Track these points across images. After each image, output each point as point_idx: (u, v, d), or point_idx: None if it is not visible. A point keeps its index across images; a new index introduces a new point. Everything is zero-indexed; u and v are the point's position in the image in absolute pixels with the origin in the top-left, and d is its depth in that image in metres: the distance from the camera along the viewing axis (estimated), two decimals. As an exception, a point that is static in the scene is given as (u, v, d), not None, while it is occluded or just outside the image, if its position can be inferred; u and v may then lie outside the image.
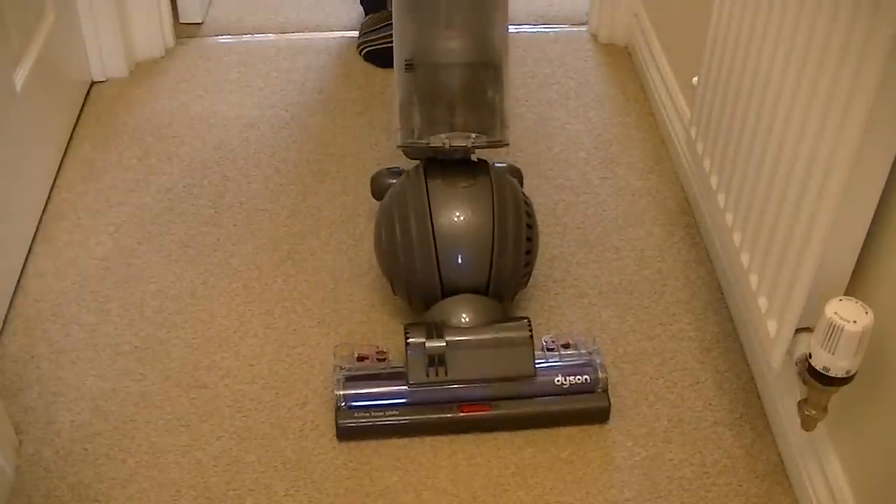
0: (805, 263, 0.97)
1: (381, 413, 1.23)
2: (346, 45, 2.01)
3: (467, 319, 1.26)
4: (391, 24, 1.96)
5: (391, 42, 1.97)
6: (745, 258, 1.14)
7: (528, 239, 1.29)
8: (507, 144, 1.33)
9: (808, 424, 1.06)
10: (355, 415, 1.23)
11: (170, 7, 1.95)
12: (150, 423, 1.26)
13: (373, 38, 1.95)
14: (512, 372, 1.24)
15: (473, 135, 1.27)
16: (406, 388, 1.24)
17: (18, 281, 1.45)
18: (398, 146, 1.34)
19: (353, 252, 1.51)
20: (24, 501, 1.17)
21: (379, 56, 1.93)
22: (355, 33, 2.03)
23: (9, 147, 1.43)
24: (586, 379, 1.25)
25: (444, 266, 1.26)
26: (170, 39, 1.97)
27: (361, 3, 2.06)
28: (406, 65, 1.29)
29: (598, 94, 1.86)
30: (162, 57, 1.95)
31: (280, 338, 1.38)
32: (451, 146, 1.27)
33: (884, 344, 0.99)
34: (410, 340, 1.23)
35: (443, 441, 1.24)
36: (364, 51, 1.96)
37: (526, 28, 2.06)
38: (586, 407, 1.26)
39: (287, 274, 1.48)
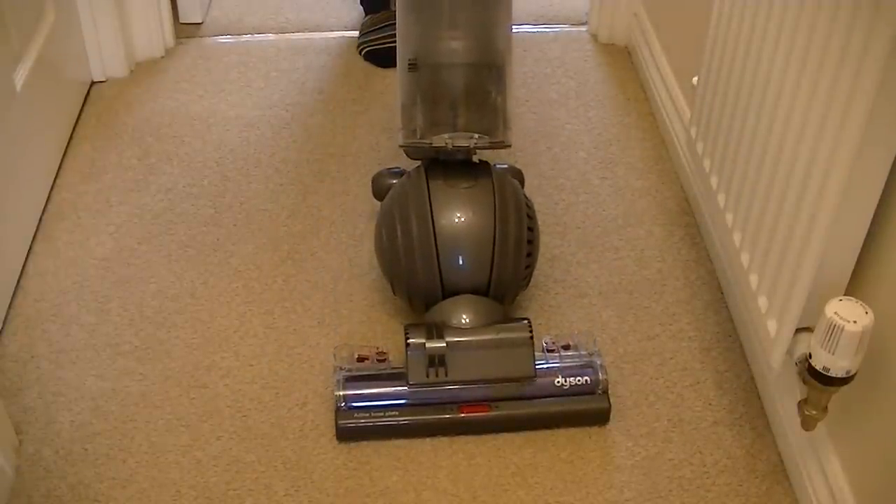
0: (805, 263, 0.97)
1: (381, 413, 1.23)
2: (346, 45, 2.01)
3: (468, 320, 1.26)
4: (391, 24, 1.96)
5: (391, 42, 1.96)
6: (745, 258, 1.14)
7: (529, 241, 1.29)
8: (510, 146, 1.32)
9: (808, 424, 1.06)
10: (355, 415, 1.23)
11: (170, 7, 1.95)
12: (150, 423, 1.26)
13: (373, 38, 1.95)
14: (512, 373, 1.24)
15: (476, 135, 1.27)
16: (406, 388, 1.23)
17: (18, 281, 1.45)
18: (400, 146, 1.34)
19: (353, 252, 1.51)
20: (24, 501, 1.17)
21: (379, 56, 1.93)
22: (355, 33, 2.03)
23: (9, 147, 1.43)
24: (586, 380, 1.25)
25: (444, 267, 1.26)
26: (170, 39, 1.97)
27: (361, 3, 2.06)
28: (409, 64, 1.29)
29: (598, 94, 1.86)
30: (162, 57, 1.95)
31: (280, 338, 1.38)
32: (453, 146, 1.27)
33: (884, 344, 0.99)
34: (411, 341, 1.23)
35: (443, 441, 1.24)
36: (364, 51, 1.96)
37: (526, 28, 2.06)
38: (586, 408, 1.25)
39: (287, 274, 1.48)
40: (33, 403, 1.28)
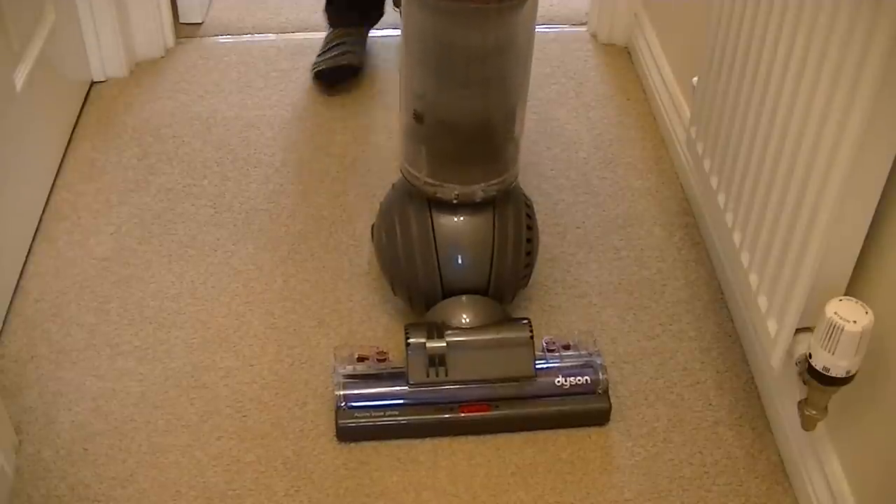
0: (805, 263, 0.97)
1: (381, 413, 1.23)
2: (346, 45, 2.00)
3: (468, 320, 1.26)
4: (342, 42, 1.86)
5: (339, 60, 1.84)
6: (745, 258, 1.14)
7: (529, 241, 1.29)
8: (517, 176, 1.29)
9: (808, 424, 1.06)
10: (355, 415, 1.23)
11: (170, 7, 1.95)
12: (150, 423, 1.26)
13: (323, 58, 1.85)
14: (512, 373, 1.24)
15: (483, 185, 1.24)
16: (406, 388, 1.23)
17: (18, 281, 1.45)
18: (401, 172, 1.29)
19: (353, 252, 1.51)
20: (24, 501, 1.17)
21: (327, 76, 1.83)
22: (355, 33, 2.02)
23: (9, 147, 1.43)
24: (587, 380, 1.25)
25: (444, 267, 1.26)
26: (170, 39, 1.97)
27: (328, 18, 1.92)
28: (414, 115, 1.21)
29: (598, 94, 1.86)
30: (162, 57, 1.95)
31: (280, 338, 1.38)
32: (459, 200, 1.24)
33: (884, 344, 0.99)
34: (411, 341, 1.23)
35: (443, 441, 1.24)
36: (314, 71, 1.85)
37: (526, 28, 2.06)
38: (586, 408, 1.25)
39: (287, 274, 1.48)
40: (33, 403, 1.28)
